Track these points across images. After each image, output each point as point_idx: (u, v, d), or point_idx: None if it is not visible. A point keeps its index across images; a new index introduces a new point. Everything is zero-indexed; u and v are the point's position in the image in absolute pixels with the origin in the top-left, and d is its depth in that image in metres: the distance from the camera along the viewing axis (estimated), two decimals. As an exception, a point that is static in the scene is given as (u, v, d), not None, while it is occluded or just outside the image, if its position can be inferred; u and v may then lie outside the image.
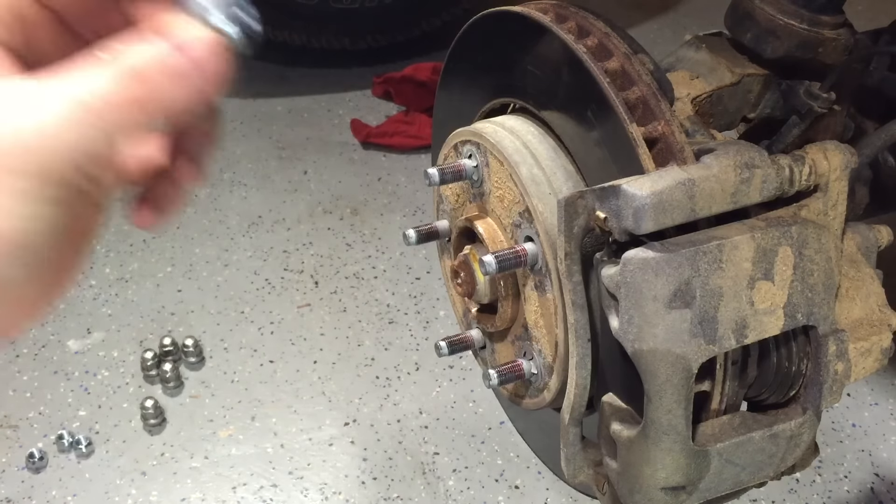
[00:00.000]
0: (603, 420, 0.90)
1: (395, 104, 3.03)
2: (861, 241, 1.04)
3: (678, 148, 0.88)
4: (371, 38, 3.16)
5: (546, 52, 0.98)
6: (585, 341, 0.88)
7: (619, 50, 0.94)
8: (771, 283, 0.85)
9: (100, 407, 1.96)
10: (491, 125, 1.04)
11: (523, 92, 1.04)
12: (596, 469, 0.93)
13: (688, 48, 1.18)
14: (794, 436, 0.90)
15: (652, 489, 0.86)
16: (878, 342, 0.98)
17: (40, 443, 1.88)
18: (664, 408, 0.82)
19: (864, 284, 1.01)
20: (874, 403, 1.97)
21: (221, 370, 2.03)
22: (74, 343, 2.06)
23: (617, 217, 0.83)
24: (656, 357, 0.82)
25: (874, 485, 1.81)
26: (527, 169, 0.97)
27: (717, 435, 0.87)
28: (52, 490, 1.80)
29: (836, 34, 1.13)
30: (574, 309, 0.88)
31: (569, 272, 0.87)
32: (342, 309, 2.26)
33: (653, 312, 0.81)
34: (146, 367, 2.02)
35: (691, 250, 0.82)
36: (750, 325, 0.85)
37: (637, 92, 0.91)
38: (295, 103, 3.06)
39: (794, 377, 0.91)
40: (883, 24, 1.40)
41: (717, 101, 1.13)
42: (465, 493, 1.73)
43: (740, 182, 0.86)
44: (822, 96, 1.11)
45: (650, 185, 0.82)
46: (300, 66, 3.21)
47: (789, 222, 0.87)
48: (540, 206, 0.95)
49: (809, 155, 0.93)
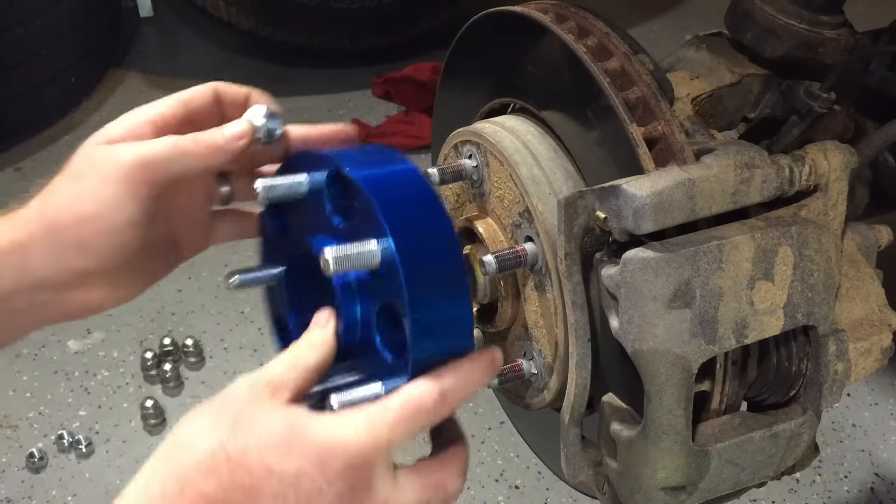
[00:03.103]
0: (603, 420, 0.90)
1: (395, 104, 3.03)
2: (861, 241, 1.04)
3: (678, 148, 0.88)
4: (371, 38, 3.16)
5: (546, 52, 0.98)
6: (585, 341, 0.88)
7: (619, 50, 0.94)
8: (771, 283, 0.85)
9: (100, 407, 1.96)
10: (491, 125, 1.04)
11: (523, 92, 1.04)
12: (596, 469, 0.93)
13: (688, 48, 1.18)
14: (794, 436, 0.90)
15: (652, 489, 0.86)
16: (878, 342, 0.98)
17: (40, 443, 1.88)
18: (664, 408, 0.82)
19: (864, 284, 1.01)
20: (874, 403, 1.97)
21: (221, 370, 2.03)
22: (74, 343, 2.06)
23: (617, 217, 0.83)
24: (656, 357, 0.81)
25: (874, 485, 1.81)
26: (527, 169, 0.97)
27: (717, 435, 0.87)
28: (52, 490, 1.80)
29: (836, 34, 1.13)
30: (574, 309, 0.88)
31: (569, 272, 0.87)
32: (342, 309, 2.26)
33: (653, 312, 0.81)
34: (146, 367, 2.02)
35: (691, 250, 0.82)
36: (750, 325, 0.85)
37: (637, 92, 0.91)
38: (295, 103, 3.05)
39: (794, 377, 0.91)
40: (883, 24, 1.40)
41: (717, 101, 1.13)
42: (465, 493, 1.73)
43: (740, 182, 0.86)
44: (822, 96, 1.11)
45: (650, 185, 0.82)
46: (300, 66, 3.21)
47: (789, 222, 0.87)
48: (540, 206, 0.94)
49: (809, 155, 0.93)
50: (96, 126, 0.84)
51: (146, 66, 3.28)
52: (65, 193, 0.83)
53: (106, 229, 0.82)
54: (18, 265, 0.82)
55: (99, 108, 2.96)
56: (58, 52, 2.89)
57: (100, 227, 0.82)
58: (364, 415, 0.72)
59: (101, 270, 0.84)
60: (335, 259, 0.74)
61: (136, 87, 3.14)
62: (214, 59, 3.32)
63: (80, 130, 2.85)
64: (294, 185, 0.83)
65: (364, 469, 0.71)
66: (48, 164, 2.75)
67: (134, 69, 3.24)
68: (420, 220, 0.78)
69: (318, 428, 0.71)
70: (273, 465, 0.69)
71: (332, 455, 0.70)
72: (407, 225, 0.76)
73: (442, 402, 0.74)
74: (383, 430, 0.72)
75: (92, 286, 0.86)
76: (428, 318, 0.75)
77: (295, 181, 0.83)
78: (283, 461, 0.69)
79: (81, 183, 0.82)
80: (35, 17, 2.75)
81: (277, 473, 0.69)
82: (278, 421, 0.71)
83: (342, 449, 0.70)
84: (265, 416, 0.71)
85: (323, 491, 0.70)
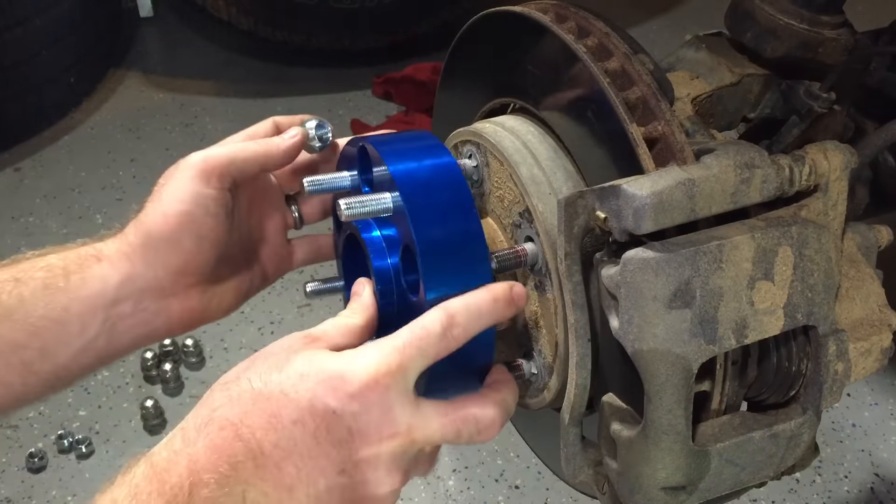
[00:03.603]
0: (603, 420, 0.90)
1: (395, 104, 3.04)
2: (861, 241, 1.04)
3: (678, 148, 0.88)
4: (371, 38, 3.16)
5: (546, 52, 0.98)
6: (585, 341, 0.88)
7: (619, 50, 0.94)
8: (771, 283, 0.85)
9: (100, 407, 1.96)
10: (491, 125, 1.04)
11: (523, 92, 1.04)
12: (596, 469, 0.93)
13: (688, 48, 1.18)
14: (794, 436, 0.90)
15: (652, 489, 0.86)
16: (878, 342, 0.98)
17: (40, 443, 1.88)
18: (664, 408, 0.82)
19: (864, 284, 1.01)
20: (874, 403, 1.97)
21: (221, 370, 2.03)
22: (74, 343, 2.06)
23: (617, 217, 0.83)
24: (656, 357, 0.82)
25: (874, 485, 1.81)
26: (527, 169, 0.97)
27: (717, 435, 0.87)
28: (52, 490, 1.80)
29: (836, 34, 1.13)
30: (574, 309, 0.88)
31: (569, 272, 0.87)
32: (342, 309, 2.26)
33: (653, 312, 0.81)
34: (146, 367, 2.02)
35: (691, 250, 0.82)
36: (750, 325, 0.85)
37: (637, 92, 0.91)
38: (295, 103, 3.06)
39: (794, 377, 0.91)
40: (883, 24, 1.40)
41: (717, 101, 1.13)
42: (465, 493, 1.73)
43: (740, 182, 0.86)
44: (822, 96, 1.11)
45: (650, 185, 0.82)
46: (300, 66, 3.21)
47: (789, 222, 0.87)
48: (540, 206, 0.94)
49: (809, 155, 0.93)
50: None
51: (146, 66, 3.28)
52: (152, 203, 0.94)
53: (188, 221, 0.92)
54: (124, 271, 0.93)
55: (99, 108, 2.96)
56: (57, 52, 2.89)
57: (182, 219, 0.92)
58: (375, 345, 0.78)
59: (193, 270, 0.95)
60: (346, 204, 0.84)
61: (136, 87, 3.14)
62: (214, 59, 3.32)
63: (80, 130, 2.86)
64: (336, 180, 0.95)
65: (377, 391, 0.75)
66: (48, 164, 2.76)
67: (134, 69, 3.24)
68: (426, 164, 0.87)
69: (333, 359, 0.77)
70: (289, 391, 0.75)
71: (343, 380, 0.75)
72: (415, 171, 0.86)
73: (451, 325, 0.78)
74: (393, 355, 0.76)
75: (190, 293, 0.96)
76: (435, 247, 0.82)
77: (336, 176, 0.95)
78: (298, 387, 0.75)
79: (163, 191, 0.94)
80: (35, 17, 2.76)
81: (294, 398, 0.74)
82: (300, 358, 0.77)
83: (352, 373, 0.75)
84: (292, 357, 0.78)
85: (337, 412, 0.74)
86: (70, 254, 0.93)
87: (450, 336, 0.78)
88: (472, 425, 0.80)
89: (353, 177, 0.96)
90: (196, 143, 2.84)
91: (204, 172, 0.93)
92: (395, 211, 0.85)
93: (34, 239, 2.52)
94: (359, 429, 0.75)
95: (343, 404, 0.74)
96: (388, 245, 0.89)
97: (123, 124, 2.95)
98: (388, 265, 0.88)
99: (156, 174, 0.96)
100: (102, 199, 2.63)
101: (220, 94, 3.14)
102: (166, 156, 2.80)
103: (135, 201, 1.00)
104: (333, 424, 0.74)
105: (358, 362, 0.76)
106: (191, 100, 3.11)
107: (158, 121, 2.99)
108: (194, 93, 3.14)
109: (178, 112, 3.05)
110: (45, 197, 2.66)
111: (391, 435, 0.76)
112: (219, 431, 0.74)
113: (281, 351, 0.79)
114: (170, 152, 2.82)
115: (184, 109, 3.07)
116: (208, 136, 2.90)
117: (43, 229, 2.55)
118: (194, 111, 3.06)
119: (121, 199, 2.62)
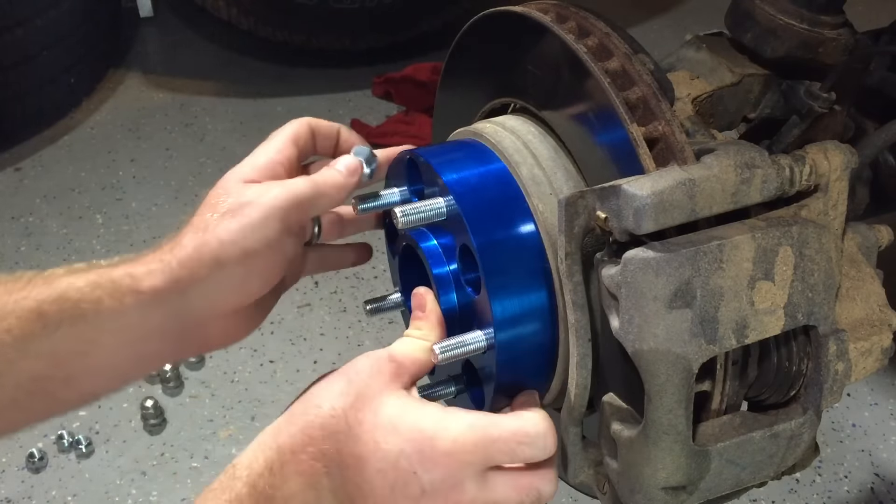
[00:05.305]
0: (603, 420, 0.90)
1: (395, 104, 3.04)
2: (861, 241, 1.04)
3: (679, 148, 0.88)
4: (371, 38, 3.16)
5: (546, 52, 0.98)
6: (586, 341, 0.88)
7: (620, 50, 0.94)
8: (771, 282, 0.85)
9: (100, 407, 1.96)
10: (491, 125, 1.04)
11: (524, 92, 1.04)
12: (596, 469, 0.93)
13: (688, 48, 1.18)
14: (794, 436, 0.90)
15: (652, 489, 0.86)
16: (879, 342, 0.98)
17: (40, 443, 1.88)
18: (664, 408, 0.82)
19: (865, 284, 1.01)
20: (874, 403, 1.97)
21: (221, 370, 2.03)
22: (74, 343, 2.06)
23: (617, 217, 0.83)
24: (657, 357, 0.82)
25: (874, 485, 1.81)
26: (527, 169, 0.97)
27: (717, 435, 0.87)
28: (52, 490, 1.81)
29: (836, 34, 1.13)
30: (574, 309, 0.88)
31: (569, 272, 0.87)
32: (342, 309, 2.25)
33: (653, 312, 0.81)
34: (146, 367, 2.02)
35: (692, 250, 0.82)
36: (750, 324, 0.85)
37: (637, 92, 0.91)
38: (295, 103, 3.06)
39: (795, 377, 0.91)
40: (883, 24, 1.40)
41: (718, 101, 1.13)
42: (465, 493, 1.73)
43: (741, 182, 0.86)
44: (822, 96, 1.11)
45: (651, 185, 0.82)
46: (300, 66, 3.21)
47: (790, 222, 0.87)
48: (540, 206, 0.95)
49: (810, 155, 0.93)
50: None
51: (146, 66, 3.28)
52: (227, 230, 0.84)
53: (268, 266, 0.87)
54: (176, 303, 0.84)
55: (99, 108, 2.96)
56: (58, 52, 2.90)
57: (262, 263, 0.86)
58: (472, 418, 0.80)
59: (248, 305, 0.90)
60: (402, 212, 0.88)
61: (136, 87, 3.15)
62: (214, 60, 3.33)
63: (80, 130, 2.86)
64: (387, 196, 0.96)
65: (456, 464, 0.78)
66: (48, 164, 2.76)
67: (134, 69, 3.24)
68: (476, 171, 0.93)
69: (427, 417, 0.80)
70: (381, 441, 0.79)
71: (431, 446, 0.78)
72: (467, 176, 0.92)
73: (537, 445, 0.82)
74: (483, 441, 0.79)
75: (236, 319, 0.91)
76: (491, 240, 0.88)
77: (386, 193, 0.97)
78: (389, 439, 0.79)
79: (243, 218, 0.84)
80: (35, 17, 2.76)
81: (383, 449, 0.79)
82: (393, 403, 0.80)
83: (441, 441, 0.78)
84: (383, 396, 0.80)
85: (417, 474, 0.78)
86: (104, 279, 0.82)
87: (528, 453, 0.82)
88: (535, 495, 0.83)
89: (402, 191, 0.97)
90: (196, 143, 2.84)
91: (290, 216, 0.86)
92: (449, 215, 0.89)
93: (34, 239, 2.52)
94: (431, 491, 0.79)
95: (425, 469, 0.79)
96: (445, 252, 0.94)
97: (123, 124, 2.95)
98: (447, 272, 0.93)
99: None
100: (102, 199, 2.63)
101: (220, 94, 3.14)
102: (166, 156, 2.80)
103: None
104: (410, 482, 0.79)
105: (449, 432, 0.79)
106: (191, 100, 3.11)
107: (158, 121, 2.99)
108: (194, 93, 3.14)
109: (178, 112, 3.05)
110: (45, 197, 2.66)
111: (456, 502, 0.80)
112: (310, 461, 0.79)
113: (371, 380, 0.82)
114: (170, 152, 2.82)
115: (184, 109, 3.07)
116: (208, 136, 2.90)
117: (43, 229, 2.55)
118: (194, 111, 3.06)
119: (121, 199, 2.62)
